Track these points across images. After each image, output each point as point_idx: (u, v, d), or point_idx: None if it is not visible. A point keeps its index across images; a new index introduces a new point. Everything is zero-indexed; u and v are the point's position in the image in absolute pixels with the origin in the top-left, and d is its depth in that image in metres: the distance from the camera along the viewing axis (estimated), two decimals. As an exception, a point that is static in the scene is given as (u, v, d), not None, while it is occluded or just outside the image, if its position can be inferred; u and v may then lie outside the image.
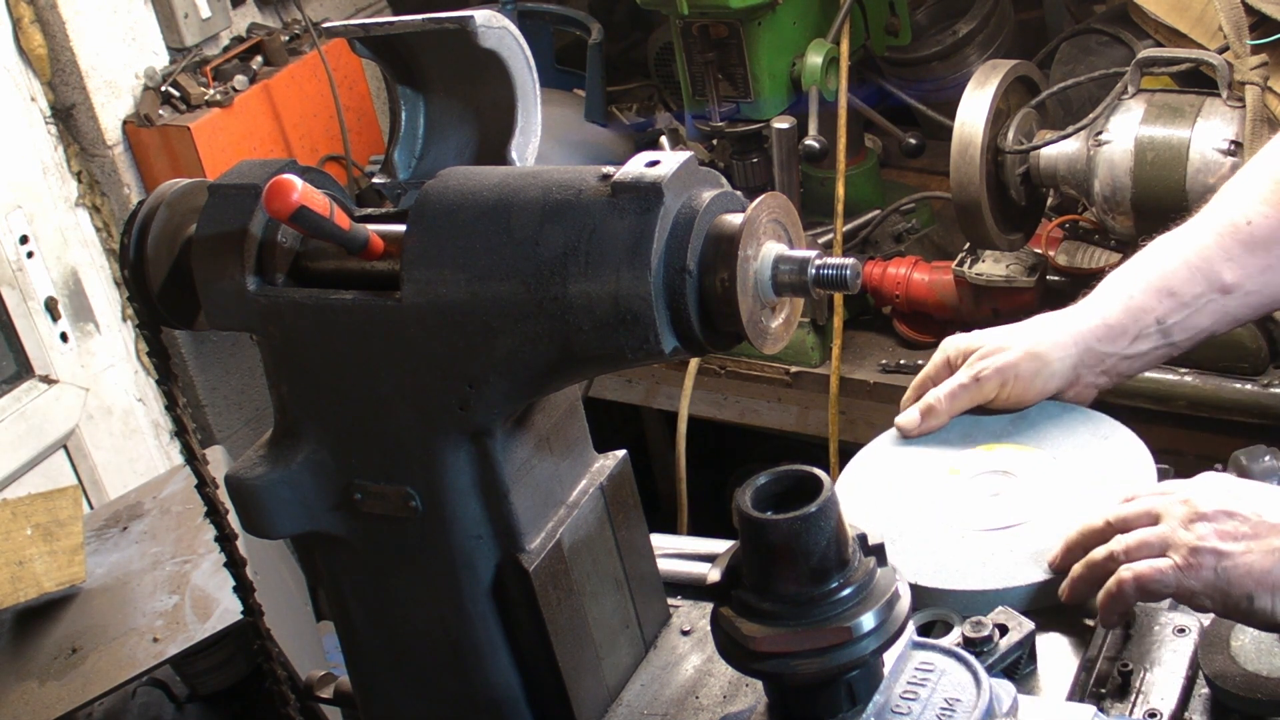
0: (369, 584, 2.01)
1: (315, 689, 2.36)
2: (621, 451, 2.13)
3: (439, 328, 1.77)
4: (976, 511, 2.18)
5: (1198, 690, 2.02)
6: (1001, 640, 1.94)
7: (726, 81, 4.21)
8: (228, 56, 4.88)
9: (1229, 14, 3.60)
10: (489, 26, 1.92)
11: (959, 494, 2.23)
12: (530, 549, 1.92)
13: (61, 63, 4.55)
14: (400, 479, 1.89)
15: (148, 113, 4.64)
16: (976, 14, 4.40)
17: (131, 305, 2.05)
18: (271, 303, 1.87)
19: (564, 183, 1.74)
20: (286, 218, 1.77)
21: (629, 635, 2.14)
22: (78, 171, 4.70)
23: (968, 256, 3.90)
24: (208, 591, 3.14)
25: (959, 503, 2.21)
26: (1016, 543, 2.11)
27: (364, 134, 5.18)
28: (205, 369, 4.86)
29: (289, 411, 1.93)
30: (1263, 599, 1.77)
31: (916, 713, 1.57)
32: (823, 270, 1.68)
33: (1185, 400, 3.49)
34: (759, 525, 1.59)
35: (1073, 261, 3.88)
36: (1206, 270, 2.17)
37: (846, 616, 1.59)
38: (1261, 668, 1.95)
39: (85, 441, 4.71)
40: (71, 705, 2.96)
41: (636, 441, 5.40)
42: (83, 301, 4.71)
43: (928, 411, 2.26)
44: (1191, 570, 1.77)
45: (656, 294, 1.64)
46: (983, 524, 2.15)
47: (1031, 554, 2.08)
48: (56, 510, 3.32)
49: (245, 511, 1.94)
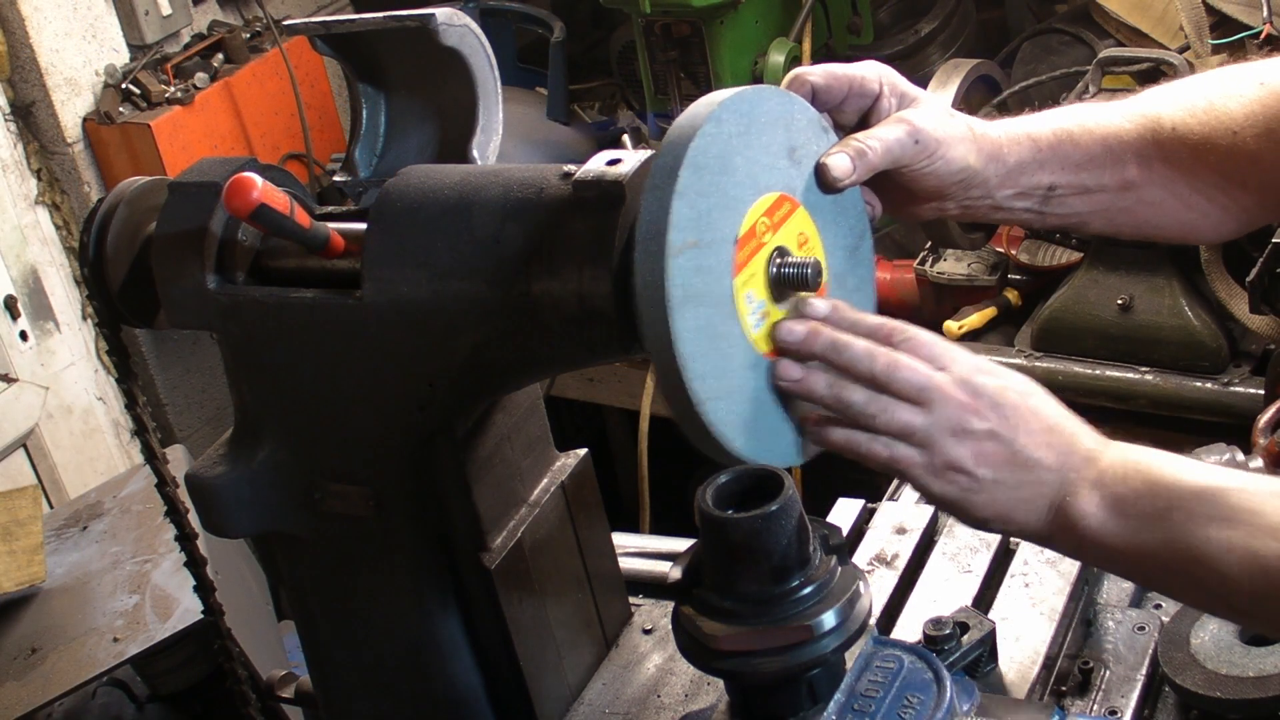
0: (330, 583, 2.00)
1: (276, 689, 2.35)
2: (583, 450, 2.13)
3: (400, 326, 1.76)
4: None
5: (1158, 688, 2.02)
6: (963, 639, 1.94)
7: (689, 80, 4.22)
8: (189, 54, 4.86)
9: (1190, 14, 3.61)
10: (450, 24, 1.92)
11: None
12: (492, 548, 1.92)
13: (20, 60, 4.52)
14: (361, 478, 1.88)
15: (108, 110, 4.62)
16: (939, 13, 4.41)
17: (91, 303, 2.04)
18: (232, 301, 1.86)
19: (525, 181, 1.73)
20: (246, 216, 1.76)
21: (590, 634, 2.14)
22: (37, 169, 4.68)
23: (929, 255, 3.91)
24: (168, 591, 3.12)
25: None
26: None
27: (325, 132, 5.17)
28: (165, 368, 4.84)
29: (249, 410, 1.93)
30: (994, 525, 1.72)
31: (878, 711, 1.57)
32: (784, 269, 1.68)
33: (1146, 399, 3.50)
34: (720, 524, 1.59)
35: (1034, 260, 3.89)
36: (1117, 159, 2.03)
37: (808, 615, 1.59)
38: (1221, 666, 1.96)
39: (45, 441, 4.68)
40: (31, 706, 2.95)
41: (598, 440, 5.39)
42: (42, 300, 4.68)
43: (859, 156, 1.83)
44: (939, 480, 1.67)
45: (619, 292, 1.64)
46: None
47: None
48: (16, 510, 3.30)
49: (205, 511, 1.93)
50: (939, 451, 1.66)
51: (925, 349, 1.69)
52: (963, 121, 1.89)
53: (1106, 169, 1.97)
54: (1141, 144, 1.97)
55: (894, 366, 1.67)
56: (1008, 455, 1.66)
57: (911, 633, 2.08)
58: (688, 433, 1.63)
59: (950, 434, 1.66)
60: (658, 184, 1.56)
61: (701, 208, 1.57)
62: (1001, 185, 1.92)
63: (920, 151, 1.83)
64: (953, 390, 1.66)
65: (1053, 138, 1.93)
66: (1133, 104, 2.01)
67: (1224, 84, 2.01)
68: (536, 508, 2.01)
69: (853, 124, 1.88)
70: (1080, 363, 3.57)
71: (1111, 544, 1.65)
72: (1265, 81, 1.97)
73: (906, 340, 1.70)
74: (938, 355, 1.69)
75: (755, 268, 1.65)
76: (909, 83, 1.90)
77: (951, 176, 1.87)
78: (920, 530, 2.33)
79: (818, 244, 1.76)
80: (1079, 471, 1.67)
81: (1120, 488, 1.65)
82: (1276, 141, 1.95)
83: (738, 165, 1.62)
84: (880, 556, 2.30)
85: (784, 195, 1.69)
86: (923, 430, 1.66)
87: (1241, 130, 1.95)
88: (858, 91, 1.85)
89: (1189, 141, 1.97)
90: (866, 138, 1.80)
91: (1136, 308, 3.47)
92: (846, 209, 1.82)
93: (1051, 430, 1.69)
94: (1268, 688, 1.93)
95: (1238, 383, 3.42)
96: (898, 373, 1.66)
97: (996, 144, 1.91)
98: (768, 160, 1.67)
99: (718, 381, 1.60)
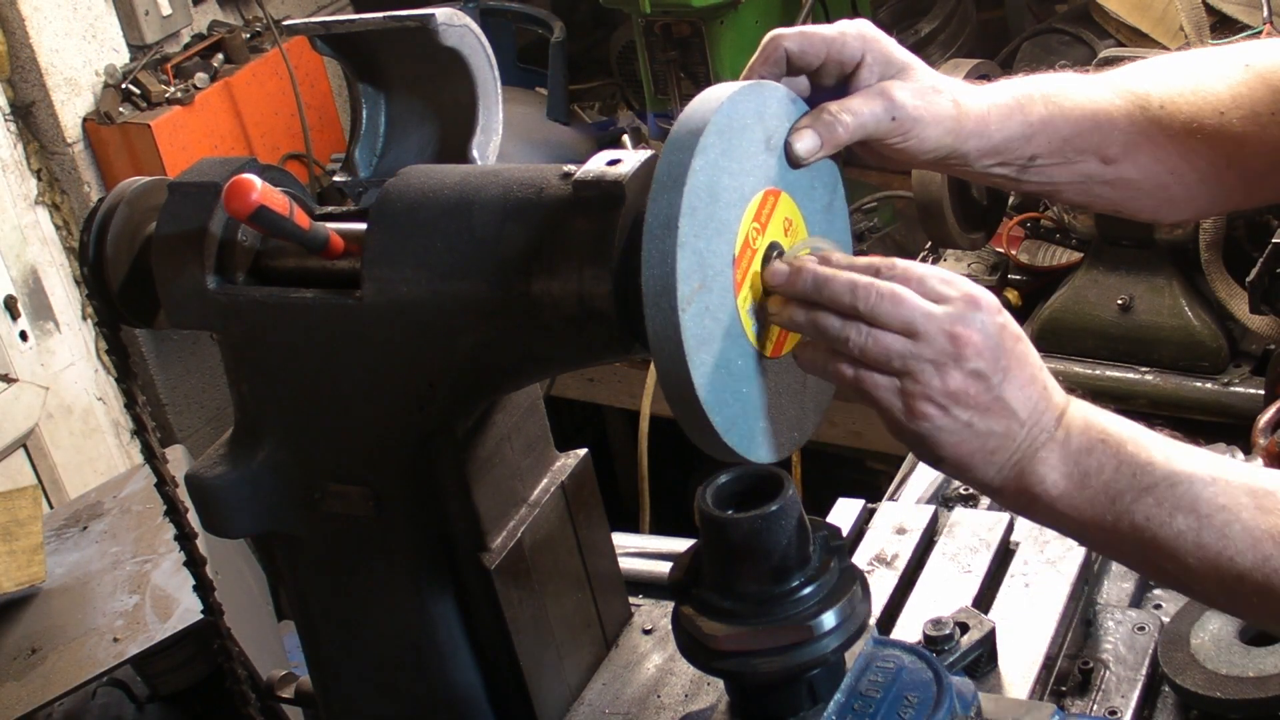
0: (330, 583, 2.00)
1: (276, 689, 2.35)
2: (583, 450, 2.13)
3: (400, 326, 1.76)
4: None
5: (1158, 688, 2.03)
6: (962, 639, 1.94)
7: (689, 80, 4.22)
8: (189, 54, 4.86)
9: (1190, 14, 3.62)
10: (450, 25, 1.92)
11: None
12: (492, 548, 1.92)
13: (20, 60, 4.53)
14: (361, 478, 1.88)
15: (108, 110, 4.62)
16: (939, 13, 4.41)
17: (91, 303, 2.04)
18: (231, 301, 1.86)
19: (525, 181, 1.73)
20: (246, 217, 1.76)
21: (590, 634, 2.14)
22: (37, 169, 4.68)
23: (929, 255, 3.91)
24: (168, 591, 3.12)
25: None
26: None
27: (325, 132, 5.17)
28: (165, 367, 4.84)
29: (249, 410, 1.93)
30: (948, 469, 1.68)
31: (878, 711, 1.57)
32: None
33: (1146, 399, 3.50)
34: (720, 524, 1.59)
35: (1034, 260, 3.90)
36: (1104, 134, 2.02)
37: (807, 615, 1.59)
38: (1221, 666, 1.96)
39: (45, 441, 4.69)
40: (31, 706, 2.94)
41: (598, 440, 5.40)
42: (42, 300, 4.68)
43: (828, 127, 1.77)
44: (910, 415, 1.59)
45: (619, 292, 1.64)
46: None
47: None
48: (16, 510, 3.30)
49: (205, 511, 1.93)
50: (917, 381, 1.59)
51: (918, 282, 1.61)
52: (948, 97, 1.82)
53: (1091, 142, 1.93)
54: (1129, 121, 1.94)
55: (877, 297, 1.59)
56: (989, 400, 1.60)
57: (911, 633, 2.08)
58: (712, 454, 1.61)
59: (934, 366, 1.58)
60: (657, 235, 1.52)
61: (701, 248, 1.55)
62: (982, 157, 1.87)
63: (895, 129, 1.78)
64: (946, 323, 1.59)
65: (1044, 110, 1.88)
66: (1121, 79, 1.97)
67: (1209, 64, 1.99)
68: (536, 508, 2.01)
69: (831, 87, 1.81)
70: (1080, 363, 3.57)
71: (1065, 511, 1.61)
72: (1250, 63, 1.96)
73: (896, 274, 1.62)
74: (932, 288, 1.60)
75: (753, 277, 1.64)
76: (899, 47, 1.83)
77: (924, 155, 1.82)
78: (920, 530, 2.33)
79: (799, 220, 1.73)
80: (1049, 431, 1.62)
81: (1085, 459, 1.61)
82: (1262, 124, 1.94)
83: (724, 187, 1.59)
84: (880, 556, 2.30)
85: (768, 191, 1.68)
86: (902, 359, 1.58)
87: (1228, 112, 1.93)
88: (836, 56, 1.78)
89: (1177, 120, 1.95)
90: (840, 110, 1.74)
91: (1136, 308, 3.48)
92: (819, 170, 1.78)
93: (1032, 380, 1.64)
94: (1268, 688, 1.93)
95: (1238, 383, 3.41)
96: (881, 304, 1.58)
97: (983, 119, 1.85)
98: (749, 165, 1.64)
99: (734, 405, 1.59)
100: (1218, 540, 1.54)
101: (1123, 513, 1.59)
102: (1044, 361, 1.69)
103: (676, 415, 1.57)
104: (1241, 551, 1.53)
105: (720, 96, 1.61)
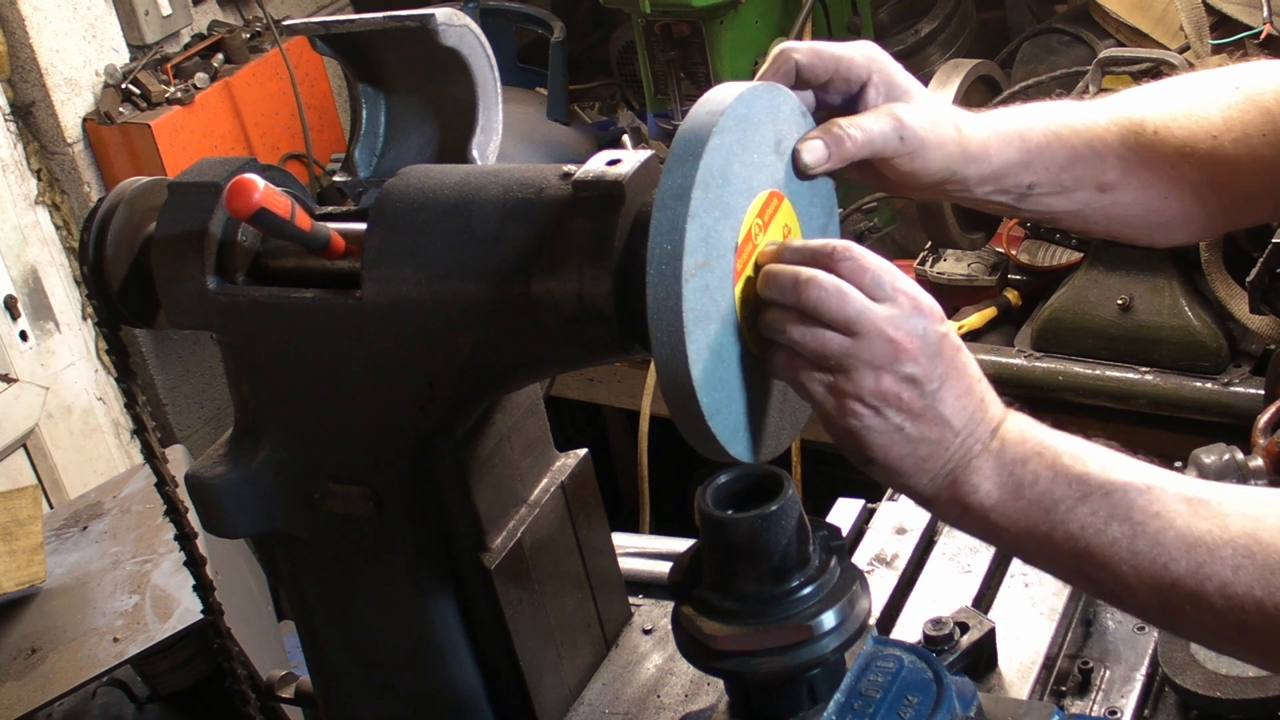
0: (330, 583, 2.00)
1: (276, 689, 2.35)
2: (583, 450, 2.13)
3: (400, 327, 1.76)
4: None
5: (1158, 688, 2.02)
6: (962, 639, 1.94)
7: (689, 80, 4.22)
8: (189, 54, 4.86)
9: (1190, 14, 3.61)
10: (450, 25, 1.92)
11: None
12: (492, 548, 1.92)
13: (20, 59, 4.52)
14: (361, 478, 1.88)
15: (108, 110, 4.62)
16: (939, 13, 4.41)
17: (91, 303, 2.04)
18: (231, 301, 1.86)
19: (525, 181, 1.73)
20: (248, 218, 1.76)
21: (590, 634, 2.14)
22: (37, 169, 4.68)
23: (929, 255, 3.91)
24: (168, 591, 3.12)
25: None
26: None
27: (325, 132, 5.17)
28: (165, 367, 4.84)
29: (249, 410, 1.93)
30: (877, 472, 1.67)
31: (877, 711, 1.57)
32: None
33: (1146, 399, 3.50)
34: (720, 524, 1.59)
35: (1034, 260, 3.89)
36: (1099, 161, 2.02)
37: (807, 615, 1.59)
38: (1221, 665, 1.96)
39: (45, 441, 4.69)
40: (31, 706, 2.94)
41: (598, 440, 5.40)
42: (42, 300, 4.68)
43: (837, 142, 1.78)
44: (841, 413, 1.59)
45: (619, 292, 1.64)
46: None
47: None
48: (16, 510, 3.30)
49: (205, 511, 1.93)
50: (852, 380, 1.58)
51: (868, 275, 1.59)
52: (950, 122, 1.85)
53: (1088, 170, 1.94)
54: (1123, 147, 1.94)
55: (821, 292, 1.57)
56: (922, 408, 1.59)
57: (911, 633, 2.08)
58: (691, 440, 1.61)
59: (869, 366, 1.57)
60: (669, 204, 1.52)
61: (708, 224, 1.55)
62: (981, 183, 1.88)
63: (902, 149, 1.78)
64: (887, 325, 1.57)
65: (1042, 138, 1.90)
66: (1114, 105, 1.99)
67: (1201, 88, 2.00)
68: (536, 508, 2.01)
69: (835, 105, 1.82)
70: (1080, 363, 3.57)
71: (998, 522, 1.60)
72: (1240, 86, 1.96)
73: (848, 262, 1.60)
74: (880, 284, 1.59)
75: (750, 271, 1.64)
76: (903, 72, 1.85)
77: (929, 177, 1.83)
78: (920, 530, 2.33)
79: (797, 231, 1.74)
80: (984, 442, 1.61)
81: (1020, 469, 1.60)
82: (1253, 147, 1.94)
83: (735, 173, 1.60)
84: (880, 556, 2.30)
85: (772, 192, 1.68)
86: (839, 356, 1.57)
87: (1221, 135, 1.94)
88: (844, 75, 1.80)
89: (1170, 145, 1.95)
90: (849, 125, 1.75)
91: (1136, 308, 3.47)
92: (820, 189, 1.79)
93: (969, 391, 1.62)
94: (1268, 688, 1.93)
95: (1238, 383, 3.41)
96: (826, 299, 1.57)
97: (983, 145, 1.86)
98: (759, 160, 1.65)
99: (722, 391, 1.59)
100: (1151, 548, 1.53)
101: (1057, 523, 1.57)
102: (1044, 361, 1.69)
103: (664, 388, 1.55)
104: (1175, 558, 1.52)
105: (739, 88, 1.62)
